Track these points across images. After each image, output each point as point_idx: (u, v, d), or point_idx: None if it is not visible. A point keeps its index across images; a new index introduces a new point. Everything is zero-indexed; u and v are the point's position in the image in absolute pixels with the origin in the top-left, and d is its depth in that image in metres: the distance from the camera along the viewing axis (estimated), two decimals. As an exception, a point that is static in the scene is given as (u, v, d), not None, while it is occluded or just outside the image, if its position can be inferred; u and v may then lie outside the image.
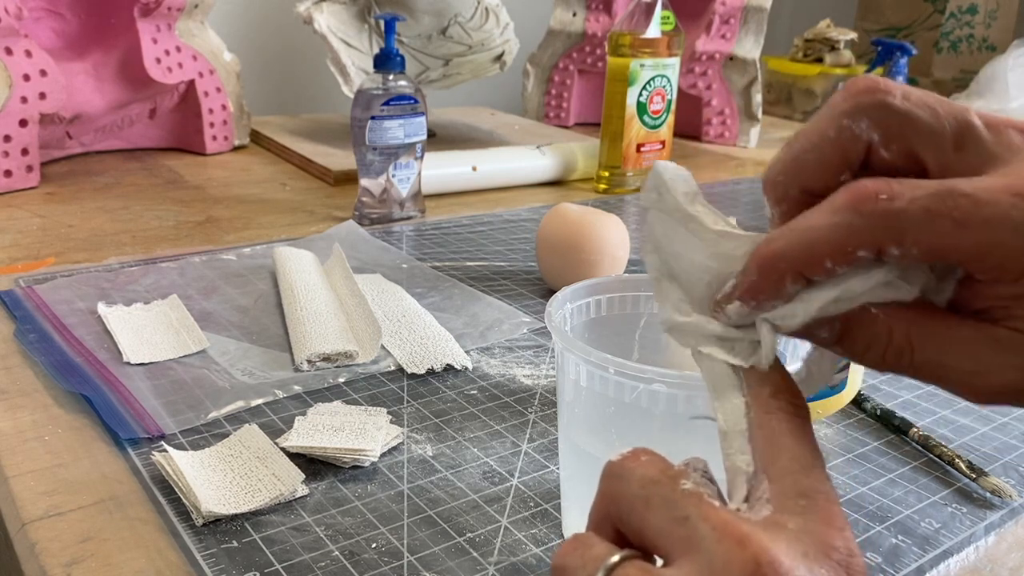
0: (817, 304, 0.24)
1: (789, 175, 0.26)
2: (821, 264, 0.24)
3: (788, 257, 0.24)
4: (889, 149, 0.24)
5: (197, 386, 0.54)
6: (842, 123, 0.24)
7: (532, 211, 0.95)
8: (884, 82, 0.24)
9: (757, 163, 1.28)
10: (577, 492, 0.41)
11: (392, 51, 0.83)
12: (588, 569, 0.23)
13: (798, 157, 0.25)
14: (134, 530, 0.41)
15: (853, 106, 0.24)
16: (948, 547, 0.43)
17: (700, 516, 0.22)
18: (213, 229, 0.85)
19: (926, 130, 0.24)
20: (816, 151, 0.25)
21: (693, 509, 0.22)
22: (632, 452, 0.25)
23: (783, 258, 0.24)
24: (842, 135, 0.24)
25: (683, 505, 0.23)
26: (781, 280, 0.24)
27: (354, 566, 0.39)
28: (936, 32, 1.70)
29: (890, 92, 0.24)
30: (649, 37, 1.00)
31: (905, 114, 0.24)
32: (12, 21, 0.88)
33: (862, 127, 0.24)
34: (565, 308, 0.41)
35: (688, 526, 0.22)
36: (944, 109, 0.24)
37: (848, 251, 0.23)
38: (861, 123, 0.24)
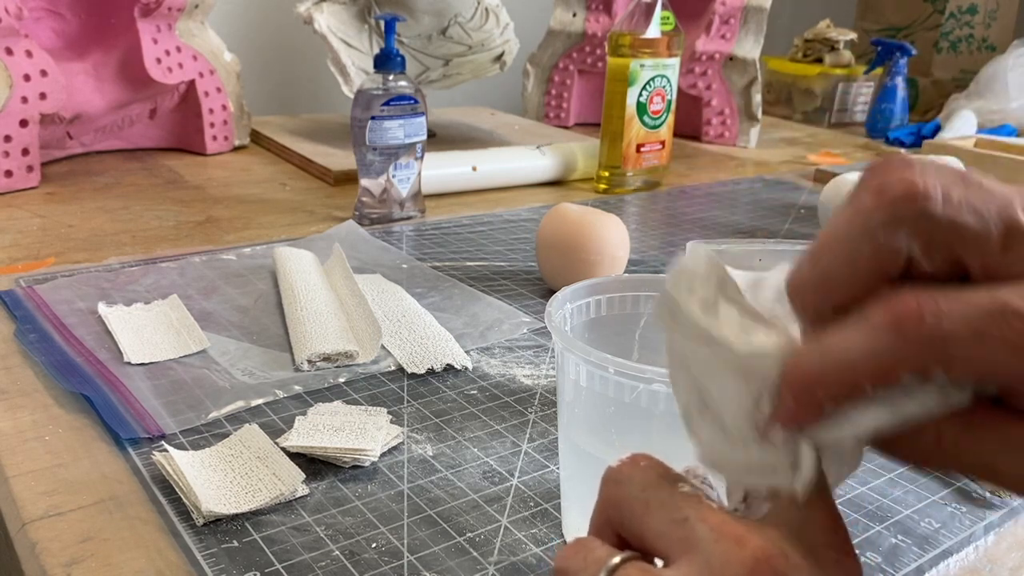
0: (868, 425, 0.22)
1: (820, 294, 0.22)
2: (860, 389, 0.21)
3: (823, 382, 0.21)
4: (931, 259, 0.21)
5: (197, 386, 0.54)
6: (878, 237, 0.21)
7: (532, 211, 0.95)
8: (921, 184, 0.21)
9: (757, 163, 1.28)
10: (577, 492, 0.41)
11: (392, 51, 0.83)
12: (590, 571, 0.23)
13: (829, 274, 0.22)
14: (134, 530, 0.41)
15: (889, 217, 0.21)
16: (948, 547, 0.43)
17: (698, 517, 0.22)
18: (213, 229, 0.85)
19: (972, 237, 0.21)
20: (850, 267, 0.22)
21: (692, 511, 0.23)
22: (631, 457, 0.25)
23: (818, 383, 0.22)
24: (879, 251, 0.21)
25: (682, 507, 0.23)
26: (818, 406, 0.22)
27: (354, 566, 0.39)
28: (936, 32, 1.70)
29: (930, 198, 0.21)
30: (649, 37, 1.00)
31: (949, 222, 0.21)
32: (12, 21, 0.88)
33: (901, 239, 0.21)
34: (565, 308, 0.41)
35: (687, 527, 0.22)
36: (989, 207, 0.21)
37: (890, 375, 0.21)
38: (899, 235, 0.21)
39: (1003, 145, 1.11)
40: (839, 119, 1.63)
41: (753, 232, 0.93)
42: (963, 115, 1.37)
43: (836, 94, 1.61)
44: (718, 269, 0.25)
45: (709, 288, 0.24)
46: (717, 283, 0.24)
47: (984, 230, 0.21)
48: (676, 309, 0.24)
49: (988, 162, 1.05)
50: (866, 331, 0.21)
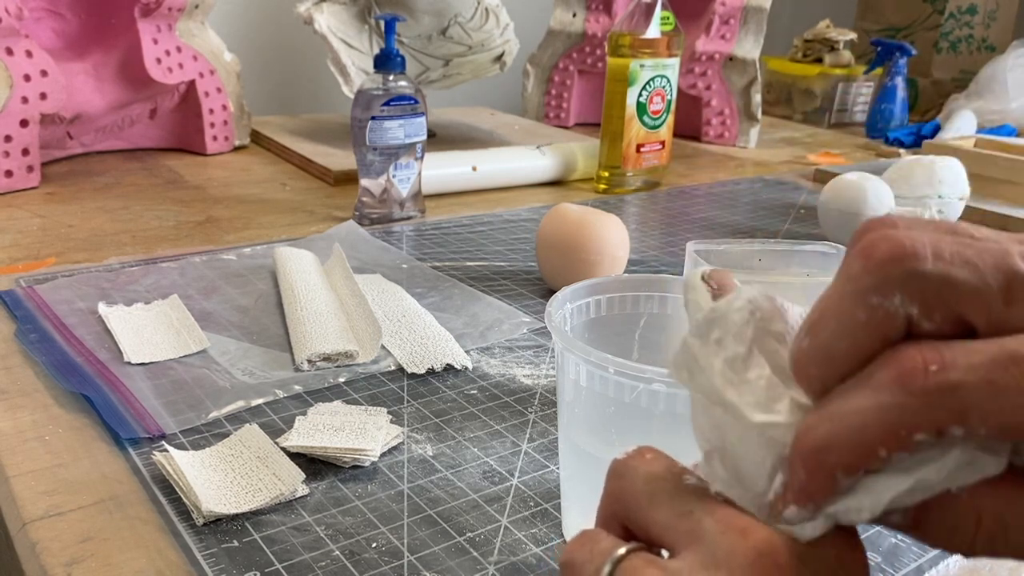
0: (887, 495, 0.21)
1: (823, 368, 0.22)
2: (874, 454, 0.20)
3: (834, 450, 0.20)
4: (932, 320, 0.20)
5: (197, 386, 0.54)
6: (871, 302, 0.20)
7: (532, 211, 0.95)
8: (908, 243, 0.20)
9: (757, 163, 1.28)
10: (577, 492, 0.41)
11: (392, 51, 0.83)
12: (595, 563, 0.23)
13: (827, 346, 0.21)
14: (134, 530, 0.41)
15: (880, 280, 0.20)
16: (947, 547, 0.43)
17: (704, 510, 0.22)
18: (213, 229, 0.85)
19: (970, 291, 0.20)
20: (847, 338, 0.21)
21: (697, 503, 0.23)
22: (637, 451, 0.25)
23: (829, 451, 0.21)
24: (874, 316, 0.20)
25: (687, 499, 0.23)
26: (831, 476, 0.21)
27: (354, 566, 0.39)
28: (936, 32, 1.70)
29: (918, 255, 0.20)
30: (649, 37, 1.00)
31: (942, 279, 0.20)
32: (13, 21, 0.88)
33: (896, 303, 0.20)
34: (565, 308, 0.41)
35: (692, 519, 0.22)
36: (985, 260, 0.20)
37: (903, 436, 0.20)
38: (894, 299, 0.20)
39: (1003, 145, 1.11)
40: (839, 119, 1.63)
41: (753, 232, 0.93)
42: (963, 115, 1.37)
43: (836, 94, 1.61)
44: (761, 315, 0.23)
45: (743, 342, 0.23)
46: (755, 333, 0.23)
47: (982, 284, 0.20)
48: (695, 365, 0.23)
49: (988, 162, 1.05)
50: (871, 392, 0.20)
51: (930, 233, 0.21)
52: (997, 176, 1.04)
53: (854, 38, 1.62)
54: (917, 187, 0.91)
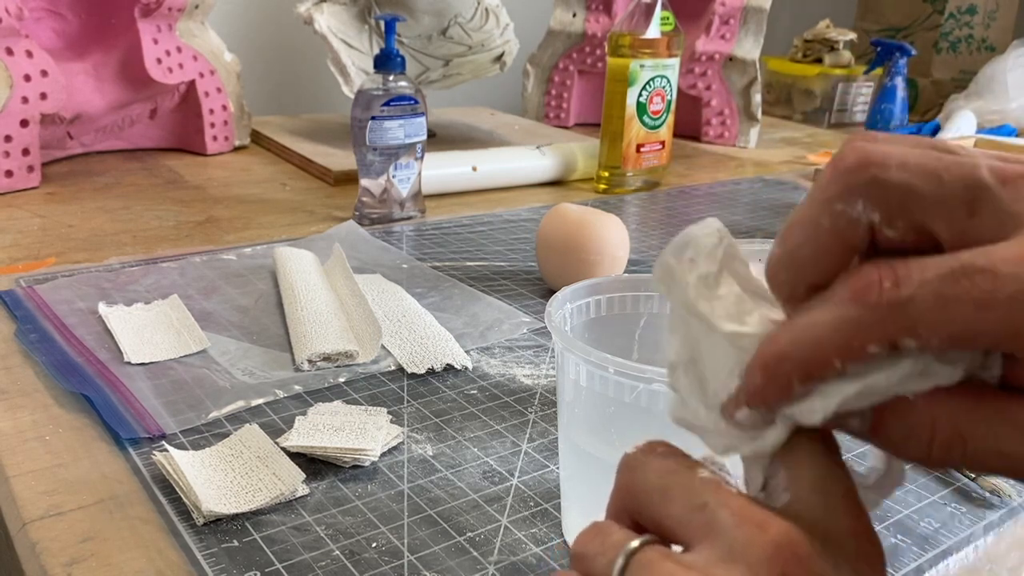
0: (836, 399, 0.22)
1: (790, 272, 0.23)
2: (828, 364, 0.21)
3: (792, 358, 0.22)
4: (894, 227, 0.21)
5: (198, 386, 0.54)
6: (835, 208, 0.21)
7: (532, 211, 0.95)
8: (874, 152, 0.21)
9: (756, 163, 1.28)
10: (577, 492, 0.41)
11: (392, 51, 0.83)
12: (608, 555, 0.23)
13: (793, 253, 0.22)
14: (135, 530, 0.41)
15: (843, 188, 0.21)
16: (947, 547, 0.43)
17: (719, 503, 0.22)
18: (213, 229, 0.85)
19: (932, 200, 0.21)
20: (812, 243, 0.22)
21: (712, 496, 0.22)
22: (648, 444, 0.25)
23: (786, 359, 0.22)
24: (837, 222, 0.21)
25: (702, 492, 0.23)
26: (787, 383, 0.22)
27: (354, 565, 0.39)
28: (935, 32, 1.70)
29: (883, 164, 0.21)
30: (649, 37, 1.00)
31: (905, 187, 0.21)
32: (13, 21, 0.88)
33: (858, 209, 0.21)
34: (565, 308, 0.41)
35: (707, 512, 0.22)
36: (950, 171, 0.21)
37: (856, 348, 0.21)
38: (856, 205, 0.21)
39: (1003, 145, 1.11)
40: (839, 119, 1.63)
41: (753, 232, 0.93)
42: (963, 115, 1.37)
43: (836, 94, 1.61)
44: (728, 241, 0.24)
45: (713, 261, 0.24)
46: (724, 256, 0.24)
47: (946, 194, 0.20)
48: (671, 279, 0.25)
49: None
50: (830, 306, 0.21)
51: (903, 146, 0.21)
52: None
53: (854, 38, 1.62)
54: (917, 187, 0.91)
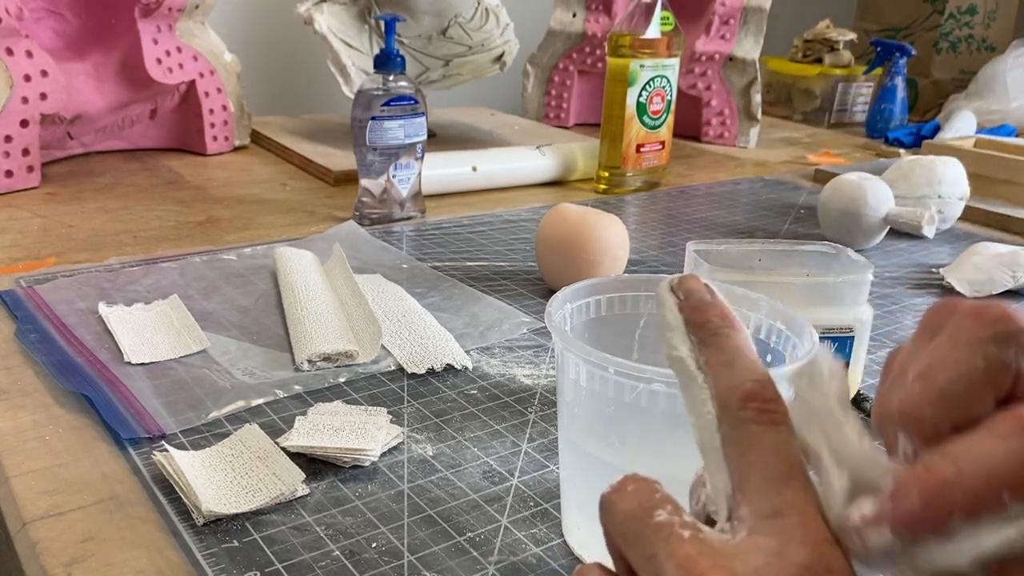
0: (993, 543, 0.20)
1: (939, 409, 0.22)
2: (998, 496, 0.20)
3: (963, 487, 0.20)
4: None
5: (198, 386, 0.54)
6: (989, 351, 0.22)
7: (532, 211, 0.95)
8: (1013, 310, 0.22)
9: (757, 163, 1.28)
10: (577, 492, 0.41)
11: (392, 52, 0.83)
12: None
13: (945, 389, 0.22)
14: (135, 530, 0.41)
15: (997, 333, 0.22)
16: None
17: (666, 553, 0.22)
18: (213, 229, 0.85)
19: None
20: (966, 382, 0.22)
21: (661, 546, 0.22)
22: (620, 482, 0.25)
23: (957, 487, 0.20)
24: (992, 365, 0.22)
25: (652, 541, 0.22)
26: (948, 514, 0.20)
27: (354, 566, 0.39)
28: (935, 32, 1.70)
29: None
30: (649, 38, 1.00)
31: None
32: (13, 22, 0.88)
33: (1010, 355, 0.22)
34: (565, 308, 0.41)
35: (656, 564, 0.22)
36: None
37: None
38: (1008, 351, 0.22)
39: (1003, 145, 1.11)
40: (839, 119, 1.63)
41: (753, 232, 0.93)
42: (963, 115, 1.37)
43: (836, 94, 1.61)
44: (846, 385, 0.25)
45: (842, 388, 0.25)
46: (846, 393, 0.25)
47: None
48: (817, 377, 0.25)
49: (988, 162, 1.05)
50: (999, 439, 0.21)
51: None
52: (997, 176, 1.04)
53: (854, 38, 1.62)
54: (917, 187, 0.91)
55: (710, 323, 0.26)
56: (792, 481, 0.23)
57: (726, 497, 0.23)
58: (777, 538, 0.22)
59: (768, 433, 0.23)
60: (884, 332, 0.68)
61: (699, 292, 0.27)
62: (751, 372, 0.25)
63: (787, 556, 0.21)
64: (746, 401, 0.24)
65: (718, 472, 0.24)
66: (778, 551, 0.21)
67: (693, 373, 0.26)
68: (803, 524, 0.22)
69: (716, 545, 0.22)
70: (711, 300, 0.27)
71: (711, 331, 0.26)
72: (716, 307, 0.27)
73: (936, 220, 0.87)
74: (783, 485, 0.22)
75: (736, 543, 0.22)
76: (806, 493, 0.22)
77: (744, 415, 0.24)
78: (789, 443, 0.23)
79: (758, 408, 0.24)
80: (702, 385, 0.25)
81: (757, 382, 0.24)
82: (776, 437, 0.23)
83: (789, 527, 0.22)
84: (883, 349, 0.65)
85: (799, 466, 0.23)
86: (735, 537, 0.22)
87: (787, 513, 0.22)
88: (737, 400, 0.24)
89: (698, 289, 0.27)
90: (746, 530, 0.22)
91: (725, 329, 0.26)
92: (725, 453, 0.24)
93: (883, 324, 0.70)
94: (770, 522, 0.22)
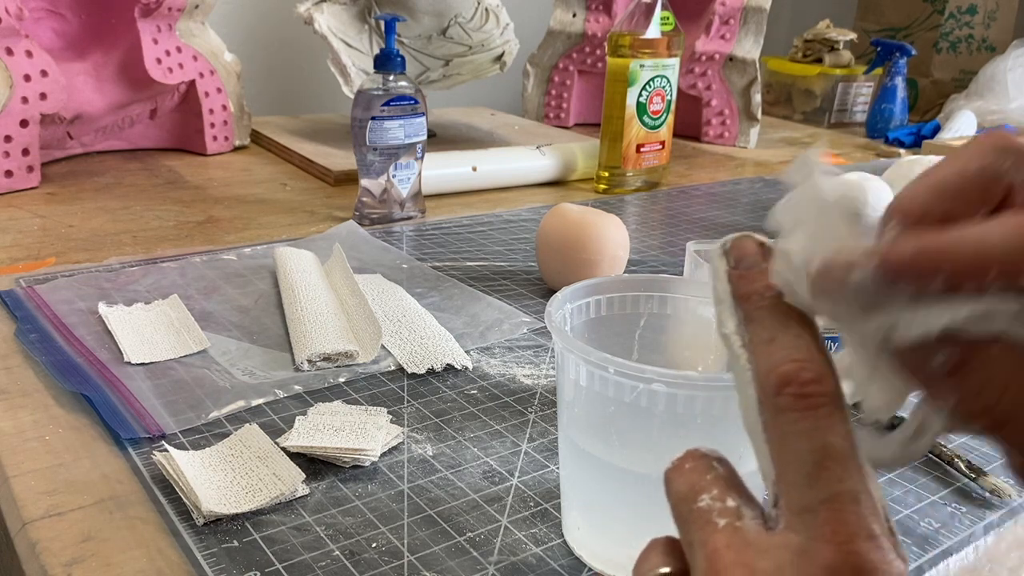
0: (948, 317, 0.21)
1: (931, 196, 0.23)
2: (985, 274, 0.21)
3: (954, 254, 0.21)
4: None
5: (198, 386, 0.54)
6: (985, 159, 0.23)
7: (532, 211, 0.95)
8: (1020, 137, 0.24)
9: (757, 163, 1.28)
10: (577, 492, 0.41)
11: (392, 52, 0.83)
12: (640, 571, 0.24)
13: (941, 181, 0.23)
14: (134, 530, 0.41)
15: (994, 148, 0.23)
16: (947, 547, 0.43)
17: (700, 542, 0.22)
18: (214, 229, 0.85)
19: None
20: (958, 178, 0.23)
21: (697, 534, 0.22)
22: (681, 458, 0.24)
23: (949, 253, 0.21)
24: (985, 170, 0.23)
25: (691, 528, 0.22)
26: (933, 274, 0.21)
27: (354, 566, 0.39)
28: (935, 32, 1.70)
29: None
30: (649, 38, 1.00)
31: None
32: (13, 21, 0.88)
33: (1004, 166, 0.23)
34: (565, 308, 0.41)
35: (693, 551, 0.22)
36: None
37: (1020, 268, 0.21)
38: (1005, 163, 0.23)
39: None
40: (839, 119, 1.63)
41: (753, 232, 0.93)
42: (963, 115, 1.37)
43: (836, 94, 1.61)
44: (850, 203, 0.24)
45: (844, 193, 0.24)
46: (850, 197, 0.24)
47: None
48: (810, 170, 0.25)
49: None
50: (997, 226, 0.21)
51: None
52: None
53: (854, 38, 1.62)
54: (917, 187, 0.91)
55: (754, 295, 0.24)
56: (826, 473, 0.21)
57: (771, 483, 0.23)
58: (805, 535, 0.21)
59: (804, 420, 0.22)
60: (884, 332, 0.68)
61: (750, 257, 0.25)
62: (792, 350, 0.23)
63: (812, 555, 0.21)
64: (782, 386, 0.22)
65: (763, 458, 0.23)
66: (804, 549, 0.21)
67: (737, 352, 0.24)
68: (832, 520, 0.21)
69: (750, 537, 0.22)
70: (762, 266, 0.25)
71: (755, 304, 0.24)
72: (766, 274, 0.24)
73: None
74: (815, 478, 0.21)
75: (768, 537, 0.22)
76: (840, 484, 0.21)
77: (780, 402, 0.22)
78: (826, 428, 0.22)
79: (794, 394, 0.22)
80: (745, 366, 0.24)
81: (796, 362, 0.23)
82: (812, 424, 0.22)
83: (818, 524, 0.21)
84: (883, 349, 0.65)
85: (836, 454, 0.22)
86: (777, 527, 0.22)
87: (817, 509, 0.21)
88: (773, 385, 0.23)
89: (750, 253, 0.25)
90: (784, 523, 0.22)
91: (771, 299, 0.24)
92: (767, 439, 0.23)
93: (883, 324, 0.70)
94: (800, 518, 0.21)
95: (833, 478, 0.21)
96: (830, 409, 0.22)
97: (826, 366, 0.23)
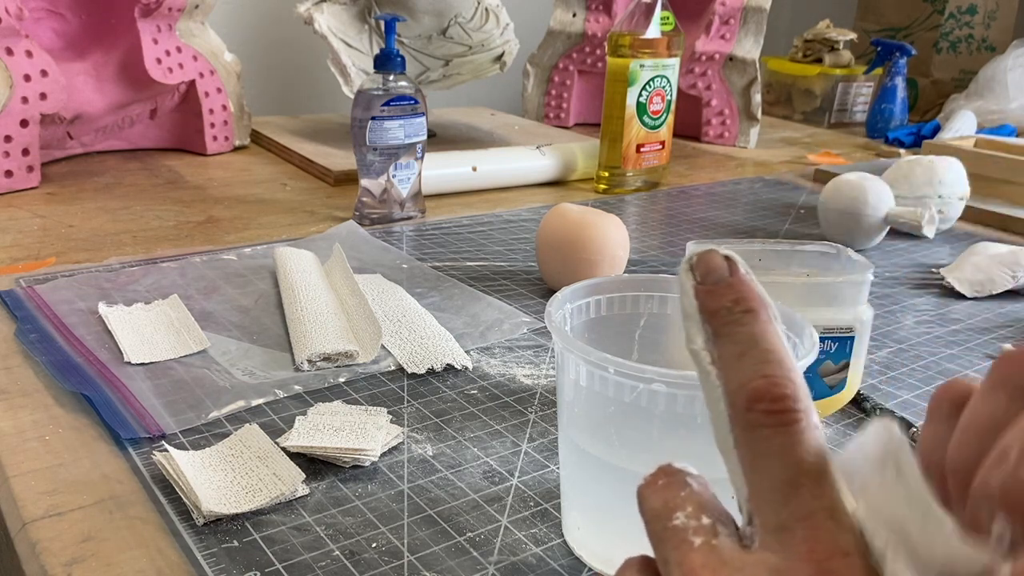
0: None
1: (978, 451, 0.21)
2: None
3: None
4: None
5: (198, 386, 0.54)
6: None
7: (532, 211, 0.95)
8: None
9: (757, 163, 1.28)
10: (577, 492, 0.41)
11: (392, 51, 0.83)
12: None
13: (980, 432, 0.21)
14: (135, 530, 0.41)
15: None
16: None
17: (676, 561, 0.21)
18: (214, 229, 0.85)
19: None
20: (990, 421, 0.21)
21: (672, 552, 0.22)
22: (654, 474, 0.24)
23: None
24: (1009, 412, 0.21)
25: (666, 547, 0.22)
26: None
27: (354, 566, 0.39)
28: (936, 32, 1.70)
29: None
30: (649, 37, 1.00)
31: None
32: (13, 21, 0.88)
33: None
34: (565, 308, 0.41)
35: (668, 570, 0.21)
36: None
37: None
38: None
39: (1003, 145, 1.11)
40: (839, 119, 1.63)
41: (753, 232, 0.93)
42: (963, 115, 1.37)
43: (836, 94, 1.61)
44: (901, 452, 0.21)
45: None
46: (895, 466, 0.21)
47: None
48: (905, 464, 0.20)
49: (988, 162, 1.05)
50: None
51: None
52: (997, 176, 1.04)
53: (854, 38, 1.62)
54: (917, 187, 0.91)
55: (722, 310, 0.23)
56: (800, 490, 0.21)
57: (744, 501, 0.22)
58: (781, 554, 0.20)
59: (777, 437, 0.21)
60: (884, 332, 0.68)
61: (716, 271, 0.24)
62: (763, 365, 0.22)
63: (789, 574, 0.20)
64: (753, 402, 0.22)
65: (735, 475, 0.22)
66: (781, 568, 0.20)
67: (707, 368, 0.23)
68: (809, 538, 0.20)
69: (726, 556, 0.21)
70: (728, 281, 0.24)
71: (723, 319, 0.23)
72: (732, 289, 0.24)
73: (936, 220, 0.87)
74: (790, 496, 0.21)
75: (744, 556, 0.21)
76: (816, 501, 0.20)
77: (751, 418, 0.22)
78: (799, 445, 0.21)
79: (765, 410, 0.22)
80: (715, 383, 0.23)
81: (767, 377, 0.22)
82: (785, 440, 0.21)
83: (794, 542, 0.20)
84: (883, 349, 0.65)
85: (811, 470, 0.21)
86: (753, 545, 0.21)
87: (792, 527, 0.20)
88: (744, 401, 0.22)
89: (716, 268, 0.24)
90: (759, 541, 0.21)
91: (739, 315, 0.23)
92: (739, 456, 0.22)
93: (883, 324, 0.70)
94: (776, 536, 0.21)
95: (808, 495, 0.21)
96: (803, 425, 0.21)
97: (797, 381, 0.22)
